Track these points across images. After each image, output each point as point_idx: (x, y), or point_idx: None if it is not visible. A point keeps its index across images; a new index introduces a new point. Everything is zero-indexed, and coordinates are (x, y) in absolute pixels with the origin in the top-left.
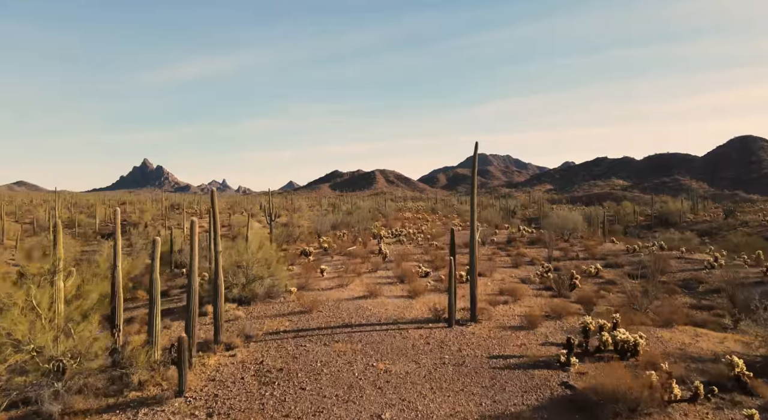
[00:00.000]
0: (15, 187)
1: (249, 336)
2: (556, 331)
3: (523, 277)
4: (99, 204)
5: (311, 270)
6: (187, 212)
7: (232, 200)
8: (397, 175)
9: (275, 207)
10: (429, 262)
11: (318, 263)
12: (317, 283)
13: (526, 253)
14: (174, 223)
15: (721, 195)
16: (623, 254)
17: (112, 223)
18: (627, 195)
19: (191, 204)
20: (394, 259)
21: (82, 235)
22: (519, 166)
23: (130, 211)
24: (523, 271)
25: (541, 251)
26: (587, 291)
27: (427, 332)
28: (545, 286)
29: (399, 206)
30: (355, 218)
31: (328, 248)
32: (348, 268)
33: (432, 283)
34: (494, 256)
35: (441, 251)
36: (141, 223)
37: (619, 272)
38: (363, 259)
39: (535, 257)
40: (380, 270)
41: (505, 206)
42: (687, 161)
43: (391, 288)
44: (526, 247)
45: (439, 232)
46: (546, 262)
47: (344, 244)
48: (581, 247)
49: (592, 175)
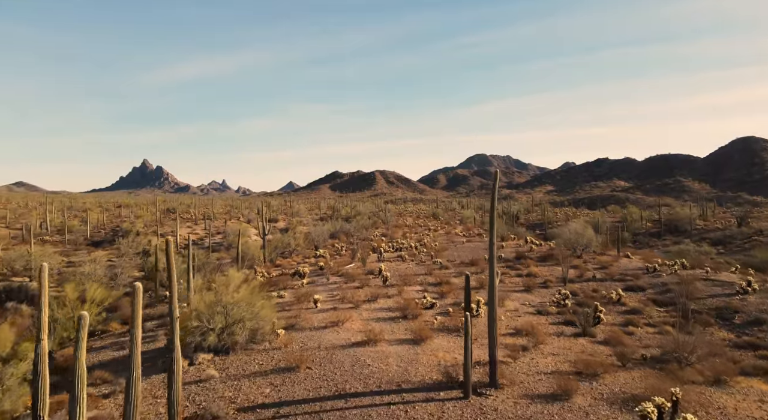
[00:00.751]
0: (14, 187)
1: (216, 418)
2: (596, 403)
3: (538, 304)
4: (95, 207)
5: (304, 299)
6: (182, 218)
7: (229, 203)
8: (397, 176)
9: (273, 210)
10: (433, 285)
11: (311, 290)
12: (309, 319)
13: (538, 272)
14: (168, 230)
15: (724, 197)
16: (643, 274)
17: (104, 229)
18: (630, 197)
19: (189, 207)
20: (395, 281)
21: (72, 243)
22: (519, 167)
23: (125, 215)
24: (536, 295)
25: (553, 270)
26: (615, 329)
27: (438, 409)
28: (565, 320)
29: (399, 209)
30: (354, 226)
31: (323, 267)
32: (344, 297)
33: (439, 319)
34: (504, 276)
35: (446, 271)
36: (133, 231)
37: (642, 297)
38: (361, 283)
39: (548, 278)
40: (380, 298)
41: (508, 210)
42: (688, 162)
43: (392, 327)
44: (536, 265)
45: (443, 246)
46: (561, 284)
47: (342, 260)
48: (596, 265)
49: (593, 176)
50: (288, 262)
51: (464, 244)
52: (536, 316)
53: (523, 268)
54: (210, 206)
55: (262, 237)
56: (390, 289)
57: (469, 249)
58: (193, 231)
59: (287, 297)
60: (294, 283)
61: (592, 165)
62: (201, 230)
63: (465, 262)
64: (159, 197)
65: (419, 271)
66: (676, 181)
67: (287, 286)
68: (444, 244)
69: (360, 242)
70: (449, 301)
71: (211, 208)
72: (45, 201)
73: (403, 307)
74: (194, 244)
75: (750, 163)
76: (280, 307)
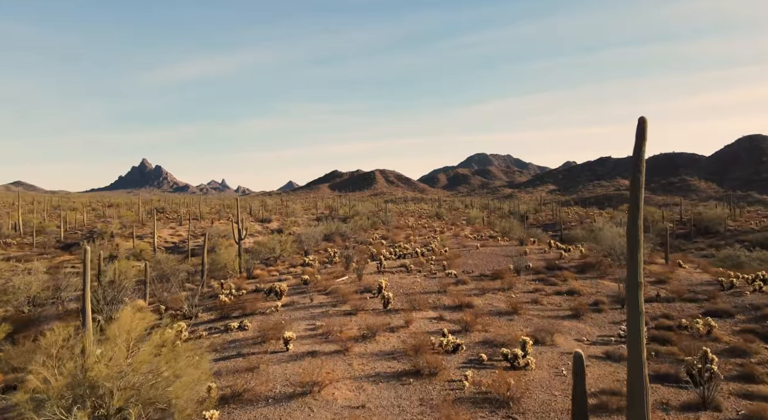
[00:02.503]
0: (12, 187)
1: None
2: None
3: (600, 340)
4: (83, 207)
5: (272, 335)
6: (168, 218)
7: (223, 202)
8: (397, 175)
9: (268, 210)
10: (451, 310)
11: (285, 319)
12: (270, 378)
13: (580, 288)
14: (148, 232)
15: (733, 196)
16: (718, 291)
17: (80, 230)
18: None
19: (179, 207)
20: (399, 303)
21: (41, 245)
22: (519, 166)
23: (109, 215)
24: (591, 324)
25: (598, 285)
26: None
27: None
28: (654, 372)
29: (400, 209)
30: (351, 227)
31: (308, 281)
32: (330, 330)
33: (471, 378)
34: (540, 295)
35: (464, 288)
36: (107, 233)
37: (734, 327)
38: (354, 306)
39: (596, 297)
40: (380, 332)
41: (516, 210)
42: (693, 161)
43: (399, 395)
44: (575, 277)
45: (454, 252)
46: (616, 306)
47: (333, 271)
48: (649, 277)
49: (596, 175)
50: (269, 273)
51: (478, 249)
52: (607, 364)
53: (560, 283)
54: (199, 205)
55: (237, 242)
56: (393, 316)
57: (485, 256)
58: (175, 233)
59: (251, 329)
60: (267, 304)
61: (594, 164)
62: (185, 231)
63: (486, 275)
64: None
65: (429, 286)
66: (682, 180)
67: (256, 311)
68: (455, 250)
69: (356, 247)
70: (478, 338)
71: (198, 208)
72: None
73: (414, 349)
74: (174, 246)
75: (758, 161)
76: (235, 348)
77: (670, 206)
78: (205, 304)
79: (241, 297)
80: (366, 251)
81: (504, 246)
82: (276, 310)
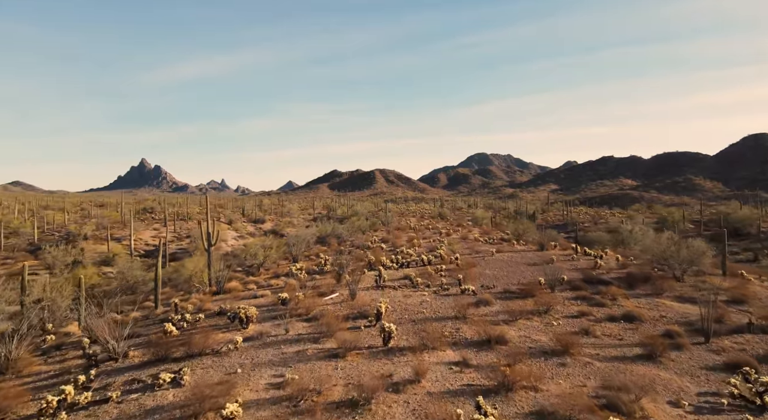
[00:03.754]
0: (11, 187)
1: None
2: None
3: (709, 407)
4: (74, 207)
5: (208, 406)
6: (152, 218)
7: (217, 202)
8: (397, 175)
9: (264, 209)
10: (476, 348)
11: (241, 368)
12: None
13: (638, 311)
14: (127, 234)
15: (740, 195)
16: None
17: (58, 232)
18: (644, 195)
19: (172, 206)
20: (404, 337)
21: (9, 249)
22: (520, 166)
23: (95, 215)
24: (678, 373)
25: (657, 306)
26: None
27: None
28: None
29: (401, 209)
30: (347, 228)
31: (287, 300)
32: (302, 388)
33: None
34: (589, 322)
35: (488, 311)
36: (81, 234)
37: None
38: (343, 344)
39: (664, 323)
40: (379, 393)
41: (523, 209)
42: (697, 160)
43: None
44: (625, 295)
45: (468, 260)
46: (697, 338)
47: (322, 283)
48: (721, 293)
49: (598, 175)
50: (245, 285)
51: (493, 255)
52: None
53: (610, 303)
54: (187, 205)
55: (206, 249)
56: (396, 360)
57: (504, 264)
58: (158, 234)
59: (188, 385)
60: (226, 336)
61: (596, 163)
62: (170, 233)
63: (512, 292)
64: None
65: (443, 309)
66: (687, 180)
67: (207, 349)
68: (467, 256)
69: (352, 252)
70: (526, 405)
71: (186, 208)
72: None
73: None
74: (155, 250)
75: (763, 160)
76: None
77: (678, 206)
78: (147, 335)
79: (197, 323)
80: (363, 258)
81: (522, 251)
82: (235, 347)
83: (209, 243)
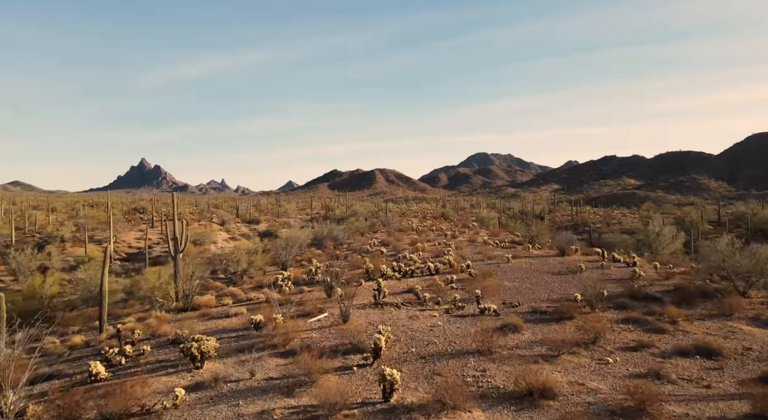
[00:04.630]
0: (10, 187)
1: None
2: None
3: None
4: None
5: None
6: (141, 219)
7: (212, 202)
8: (398, 175)
9: (260, 210)
10: (514, 405)
11: None
12: None
13: (712, 340)
14: (113, 235)
15: (748, 195)
16: None
17: (39, 233)
18: (650, 195)
19: (162, 205)
20: (412, 387)
21: None
22: (521, 166)
23: (82, 215)
24: None
25: (733, 332)
26: None
27: None
28: None
29: (401, 209)
30: (344, 230)
31: (261, 325)
32: None
33: None
34: (655, 359)
35: (517, 340)
36: (57, 236)
37: None
38: (325, 401)
39: (755, 361)
40: None
41: (528, 209)
42: (702, 160)
43: None
44: (685, 317)
45: (482, 268)
46: None
47: (310, 297)
48: None
49: (600, 175)
50: (220, 299)
51: (509, 262)
52: None
53: (670, 328)
54: (175, 205)
55: (173, 256)
56: None
57: (525, 273)
58: (143, 236)
59: None
60: (170, 381)
61: (598, 163)
62: (156, 234)
63: (542, 312)
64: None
65: (459, 338)
66: (692, 180)
67: (132, 407)
68: (480, 263)
69: (348, 258)
70: None
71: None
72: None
73: None
74: (138, 253)
75: None
76: None
77: (687, 206)
78: (71, 376)
79: (140, 358)
80: (360, 264)
81: (541, 257)
82: (174, 404)
83: (176, 249)
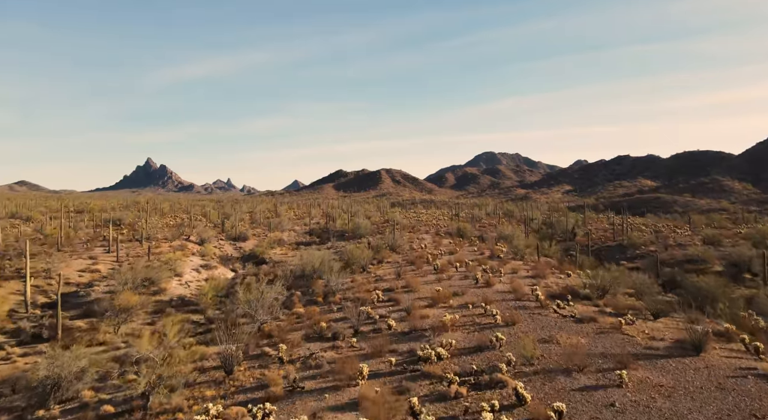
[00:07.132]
0: (16, 186)
1: None
2: None
3: None
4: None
5: None
6: (104, 236)
7: (209, 203)
8: (404, 175)
9: (253, 219)
10: None
11: None
12: None
13: None
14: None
15: None
16: None
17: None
18: (677, 199)
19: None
20: None
21: None
22: (529, 165)
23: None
24: None
25: None
26: None
27: None
28: None
29: (409, 218)
30: (347, 257)
31: None
32: None
33: None
34: None
35: None
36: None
37: None
38: None
39: None
40: None
41: (554, 222)
42: (721, 159)
43: None
44: None
45: (562, 349)
46: None
47: None
48: None
49: (614, 175)
50: None
51: (626, 385)
52: None
53: None
54: (147, 216)
55: None
56: None
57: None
58: (93, 265)
59: None
60: None
61: (610, 163)
62: (112, 262)
63: None
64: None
65: None
66: (714, 181)
67: None
68: (555, 362)
69: (340, 338)
70: None
71: (146, 220)
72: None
73: None
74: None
75: None
76: None
77: (718, 211)
78: None
79: None
80: (355, 371)
81: (658, 354)
82: None
83: None
